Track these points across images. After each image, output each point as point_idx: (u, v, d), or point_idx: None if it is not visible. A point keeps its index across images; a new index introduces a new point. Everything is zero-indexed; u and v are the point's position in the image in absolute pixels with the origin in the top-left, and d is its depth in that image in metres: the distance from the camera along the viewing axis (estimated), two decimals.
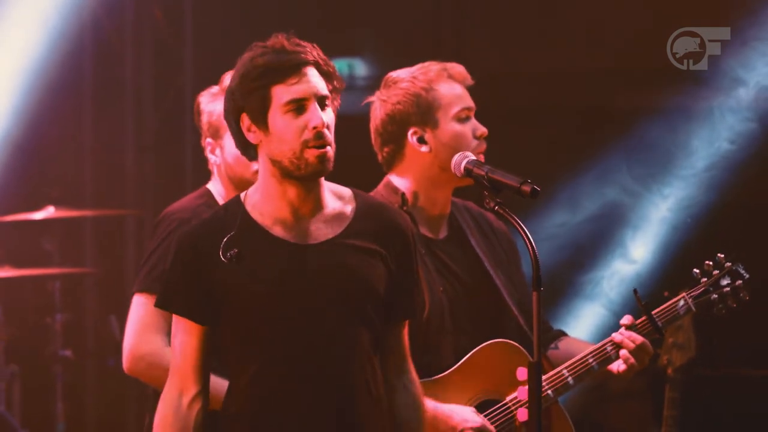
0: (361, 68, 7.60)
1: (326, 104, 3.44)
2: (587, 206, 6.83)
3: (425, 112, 4.18)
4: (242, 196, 3.52)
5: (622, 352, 4.19)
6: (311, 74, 3.43)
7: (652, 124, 6.79)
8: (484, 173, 3.76)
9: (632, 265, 6.76)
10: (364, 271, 3.47)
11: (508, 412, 4.16)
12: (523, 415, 4.12)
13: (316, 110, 3.41)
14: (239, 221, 3.46)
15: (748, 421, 6.66)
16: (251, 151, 3.48)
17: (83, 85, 7.72)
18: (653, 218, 6.70)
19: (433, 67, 4.23)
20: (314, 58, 3.45)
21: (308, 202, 3.46)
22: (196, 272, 3.44)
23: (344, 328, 3.45)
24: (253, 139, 3.45)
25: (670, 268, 6.58)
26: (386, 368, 3.56)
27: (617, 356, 4.20)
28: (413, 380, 3.59)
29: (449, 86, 4.21)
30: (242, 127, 3.45)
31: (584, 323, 6.79)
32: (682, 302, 4.27)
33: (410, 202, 4.21)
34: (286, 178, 3.44)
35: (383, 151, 4.26)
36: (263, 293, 3.42)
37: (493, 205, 3.66)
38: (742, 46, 6.28)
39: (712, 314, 4.27)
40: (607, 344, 4.22)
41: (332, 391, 3.44)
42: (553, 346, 4.34)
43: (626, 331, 4.21)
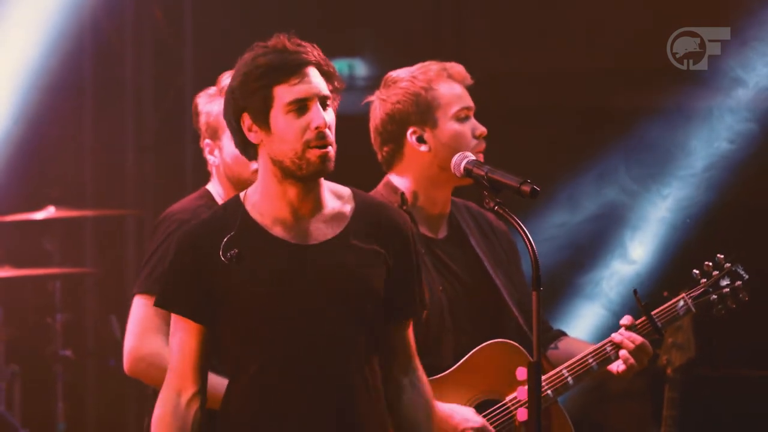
0: (361, 68, 7.60)
1: (327, 104, 3.45)
2: (587, 206, 6.83)
3: (424, 111, 4.18)
4: (241, 195, 3.51)
5: (621, 352, 4.19)
6: (313, 74, 3.44)
7: (651, 124, 6.78)
8: (483, 173, 3.76)
9: (632, 265, 6.75)
10: (363, 271, 3.47)
11: (507, 412, 4.15)
12: (522, 415, 4.12)
13: (318, 110, 3.42)
14: (239, 221, 3.46)
15: (747, 421, 6.66)
16: (251, 150, 3.48)
17: (83, 85, 7.72)
18: (653, 218, 6.70)
19: (432, 66, 4.22)
20: (315, 58, 3.45)
21: (308, 201, 3.46)
22: (195, 272, 3.44)
23: (344, 328, 3.45)
24: (253, 138, 3.45)
25: (669, 268, 6.58)
26: (393, 368, 3.55)
27: (617, 356, 4.20)
28: (421, 378, 3.59)
29: (449, 86, 4.21)
30: (243, 126, 3.45)
31: (584, 323, 6.79)
32: (681, 303, 4.27)
33: (410, 201, 4.21)
34: (286, 177, 3.44)
35: (383, 150, 4.26)
36: (263, 294, 3.42)
37: (492, 205, 3.66)
38: (741, 46, 6.27)
39: (711, 315, 4.27)
40: (606, 344, 4.21)
41: (332, 391, 3.44)
42: (552, 346, 4.34)
43: (626, 331, 4.20)
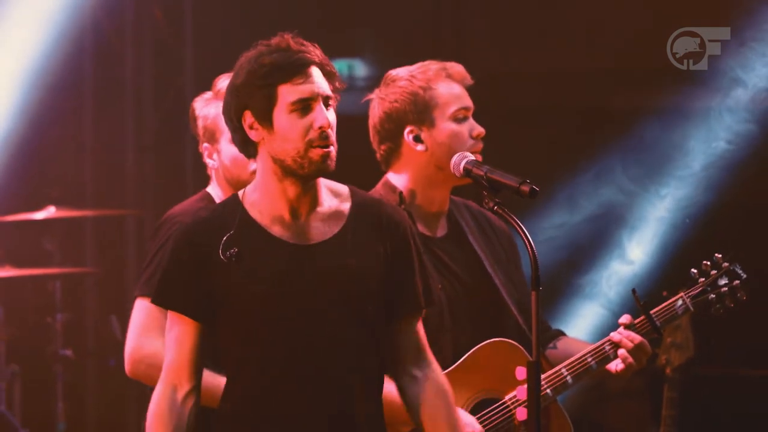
0: (360, 69, 7.60)
1: (330, 104, 3.45)
2: (586, 206, 6.83)
3: (422, 111, 4.18)
4: (240, 194, 3.51)
5: (620, 351, 4.19)
6: (316, 74, 3.44)
7: (651, 124, 6.78)
8: (483, 173, 3.76)
9: (630, 264, 6.76)
10: (363, 271, 3.47)
11: (506, 411, 4.15)
12: (522, 414, 4.12)
13: (321, 110, 3.42)
14: (238, 220, 3.46)
15: (746, 421, 6.66)
16: (251, 148, 3.48)
17: (83, 85, 7.72)
18: (652, 218, 6.70)
19: (432, 66, 4.22)
20: (318, 58, 3.45)
21: (306, 200, 3.47)
22: (193, 269, 3.44)
23: (344, 329, 3.45)
24: (254, 136, 3.45)
25: (668, 267, 6.57)
26: (404, 362, 3.55)
27: (616, 355, 4.20)
28: (435, 370, 3.57)
29: (447, 86, 4.21)
30: (244, 124, 3.45)
31: (583, 323, 6.79)
32: (680, 302, 4.27)
33: (408, 200, 4.21)
34: (286, 176, 3.44)
35: (380, 149, 4.26)
36: (262, 294, 3.42)
37: (492, 205, 3.67)
38: (740, 46, 6.28)
39: (710, 314, 4.27)
40: (605, 343, 4.21)
41: (332, 392, 3.44)
42: (551, 345, 4.34)
43: (625, 330, 4.20)
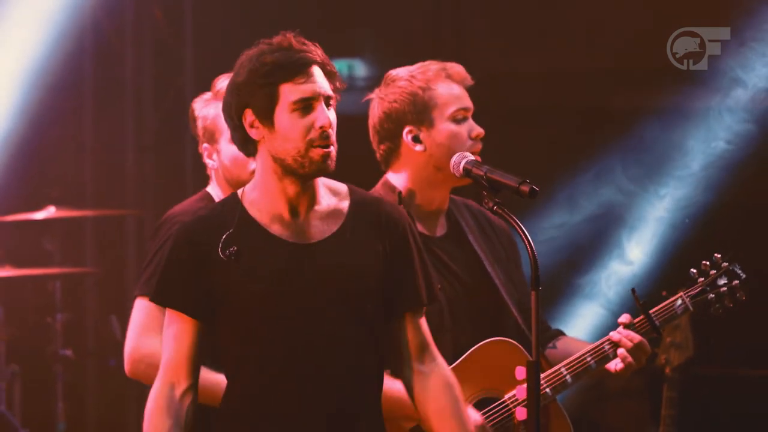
0: (360, 69, 7.60)
1: (330, 104, 3.46)
2: (586, 206, 6.83)
3: (421, 111, 4.18)
4: (239, 193, 3.52)
5: (619, 350, 4.19)
6: (317, 74, 3.44)
7: (651, 124, 6.78)
8: (482, 173, 3.76)
9: (630, 264, 6.76)
10: (362, 269, 3.47)
11: (506, 410, 4.16)
12: (521, 413, 4.11)
13: (323, 110, 3.43)
14: (237, 218, 3.46)
15: (745, 420, 6.66)
16: (251, 147, 3.49)
17: (83, 85, 7.72)
18: (651, 218, 6.70)
19: (432, 66, 4.22)
20: (320, 58, 3.46)
21: (305, 198, 3.47)
22: (192, 267, 3.45)
23: (343, 328, 3.45)
24: (255, 135, 3.46)
25: (667, 267, 6.58)
26: (409, 358, 3.55)
27: (615, 355, 4.20)
28: (441, 365, 3.58)
29: (447, 86, 4.21)
30: (244, 122, 3.46)
31: (583, 323, 6.79)
32: (679, 302, 4.27)
33: (407, 200, 4.21)
34: (286, 175, 3.44)
35: (380, 148, 4.26)
36: (262, 293, 3.43)
37: (491, 205, 3.67)
38: (740, 46, 6.28)
39: (709, 314, 4.27)
40: (605, 343, 4.22)
41: (331, 390, 3.44)
42: (551, 345, 4.34)
43: (624, 329, 4.20)
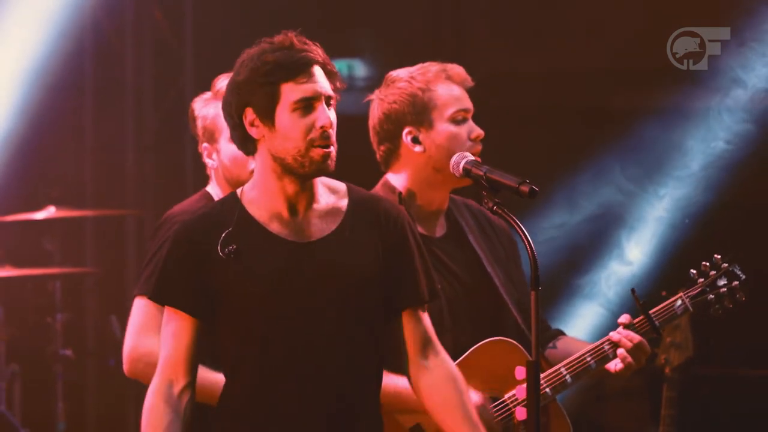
0: (360, 69, 7.60)
1: (331, 104, 3.47)
2: (586, 206, 6.83)
3: (420, 112, 4.19)
4: (238, 192, 3.52)
5: (619, 351, 4.19)
6: (318, 74, 3.45)
7: (651, 124, 6.78)
8: (482, 173, 3.76)
9: (630, 264, 6.76)
10: (361, 267, 3.48)
11: (506, 409, 4.16)
12: (521, 413, 4.10)
13: (324, 110, 3.43)
14: (236, 217, 3.47)
15: (745, 420, 6.67)
16: (250, 145, 3.49)
17: (84, 85, 7.72)
18: (650, 218, 6.70)
19: (432, 67, 4.23)
20: (321, 57, 3.46)
21: (304, 197, 3.48)
22: (191, 266, 3.45)
23: (342, 326, 3.46)
24: (255, 134, 3.46)
25: (667, 267, 6.58)
26: (412, 354, 3.55)
27: (615, 355, 4.20)
28: (443, 358, 3.58)
29: (447, 87, 4.21)
30: (245, 121, 3.46)
31: (582, 323, 6.79)
32: (679, 302, 4.28)
33: (407, 200, 4.21)
34: (286, 174, 3.45)
35: (380, 149, 4.27)
36: (261, 292, 3.43)
37: (491, 205, 3.67)
38: (740, 46, 6.28)
39: (709, 315, 4.28)
40: (604, 343, 4.22)
41: (330, 389, 3.45)
42: (551, 345, 4.34)
43: (624, 330, 4.20)
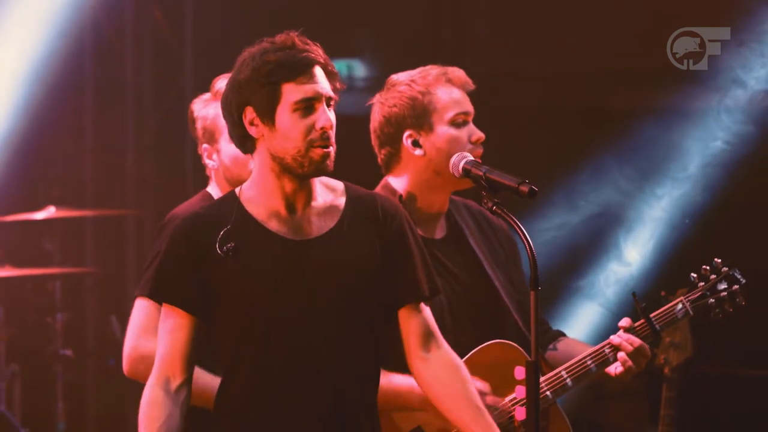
0: (360, 69, 7.60)
1: (331, 105, 3.47)
2: (585, 207, 6.83)
3: (420, 115, 4.19)
4: (237, 191, 3.53)
5: (620, 354, 4.20)
6: (319, 74, 3.46)
7: (651, 124, 6.78)
8: (482, 173, 3.77)
9: (629, 264, 6.76)
10: (360, 264, 3.49)
11: (507, 412, 4.16)
12: (521, 414, 4.12)
13: (324, 111, 3.44)
14: (235, 215, 3.47)
15: (744, 420, 6.67)
16: (249, 144, 3.49)
17: (84, 85, 7.72)
18: (650, 219, 6.70)
19: (432, 71, 4.23)
20: (322, 58, 3.47)
21: (302, 195, 3.48)
22: (190, 263, 3.46)
23: (342, 324, 3.47)
24: (254, 133, 3.47)
25: (665, 268, 6.58)
26: (414, 348, 3.55)
27: (615, 358, 4.21)
28: (445, 349, 3.58)
29: (447, 90, 4.21)
30: (244, 120, 3.46)
31: (582, 322, 6.79)
32: (680, 306, 4.28)
33: (407, 203, 4.21)
34: (284, 173, 3.46)
35: (381, 152, 4.28)
36: (260, 290, 3.44)
37: (491, 205, 3.67)
38: (739, 46, 6.28)
39: (709, 318, 4.29)
40: (605, 346, 4.22)
41: (329, 388, 3.45)
42: (551, 347, 4.35)
43: (624, 333, 4.21)
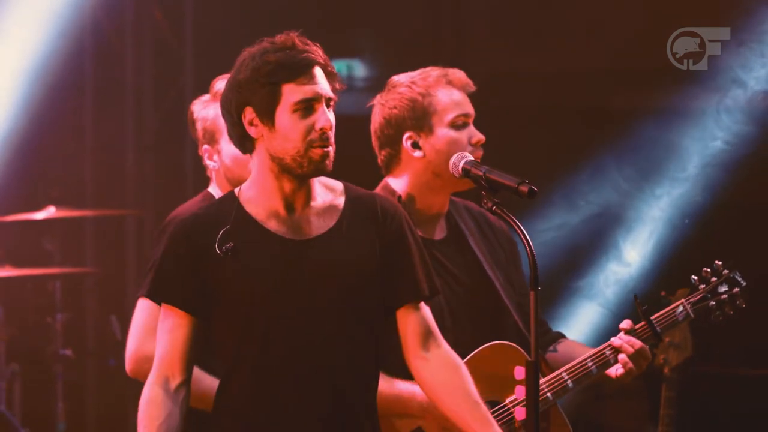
0: (360, 69, 7.60)
1: (330, 105, 3.48)
2: (585, 207, 6.83)
3: (420, 117, 4.19)
4: (236, 191, 3.54)
5: (620, 356, 4.20)
6: (319, 75, 3.46)
7: (651, 124, 6.78)
8: (481, 173, 3.77)
9: (629, 264, 6.76)
10: (359, 264, 3.49)
11: (507, 413, 4.16)
12: (521, 414, 4.12)
13: (324, 112, 3.44)
14: (234, 215, 3.48)
15: (744, 420, 6.67)
16: (247, 144, 3.50)
17: (84, 85, 7.71)
18: (650, 219, 6.70)
19: (433, 72, 4.23)
20: (322, 58, 3.48)
21: (301, 194, 3.49)
22: (189, 263, 3.46)
23: (341, 324, 3.47)
24: (254, 133, 3.47)
25: (665, 268, 6.59)
26: (413, 348, 3.56)
27: (616, 360, 4.21)
28: (444, 348, 3.58)
29: (447, 92, 4.21)
30: (243, 119, 3.47)
31: (581, 322, 6.80)
32: (681, 308, 4.29)
33: (407, 204, 4.21)
34: (283, 173, 3.46)
35: (381, 154, 4.28)
36: (259, 290, 3.44)
37: (490, 205, 3.68)
38: (739, 46, 6.28)
39: (709, 321, 4.29)
40: (606, 348, 4.23)
41: (329, 388, 3.46)
42: (551, 348, 4.35)
43: (625, 335, 4.22)
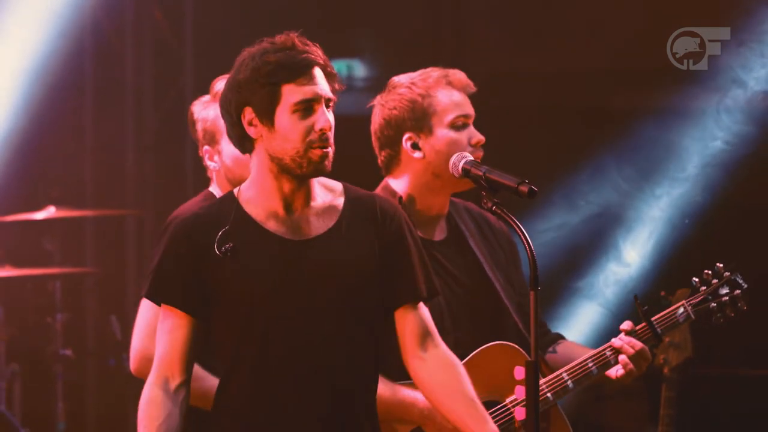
0: (360, 69, 7.59)
1: (330, 106, 3.48)
2: (585, 207, 6.83)
3: (420, 118, 4.19)
4: (236, 191, 3.54)
5: (621, 357, 4.20)
6: (319, 76, 3.46)
7: (651, 124, 6.78)
8: (481, 173, 3.77)
9: (629, 264, 6.76)
10: (358, 264, 3.49)
11: (507, 413, 4.16)
12: (521, 414, 4.13)
13: (323, 112, 3.45)
14: (233, 215, 3.48)
15: (744, 420, 6.67)
16: (247, 144, 3.50)
17: (84, 85, 7.71)
18: (650, 219, 6.70)
19: (433, 73, 4.23)
20: (321, 59, 3.48)
21: (300, 195, 3.49)
22: (189, 263, 3.46)
23: (341, 324, 3.47)
24: (253, 133, 3.47)
25: (666, 268, 6.59)
26: (411, 348, 3.56)
27: (616, 361, 4.21)
28: (441, 348, 3.58)
29: (447, 93, 4.21)
30: (243, 120, 3.47)
31: (581, 322, 6.80)
32: (681, 310, 4.29)
33: (407, 205, 4.22)
34: (283, 173, 3.46)
35: (381, 154, 4.28)
36: (258, 290, 3.44)
37: (490, 205, 3.68)
38: (739, 46, 6.28)
39: (710, 322, 4.30)
40: (606, 349, 4.23)
41: (329, 389, 3.46)
42: (551, 349, 4.36)
43: (626, 336, 4.22)
